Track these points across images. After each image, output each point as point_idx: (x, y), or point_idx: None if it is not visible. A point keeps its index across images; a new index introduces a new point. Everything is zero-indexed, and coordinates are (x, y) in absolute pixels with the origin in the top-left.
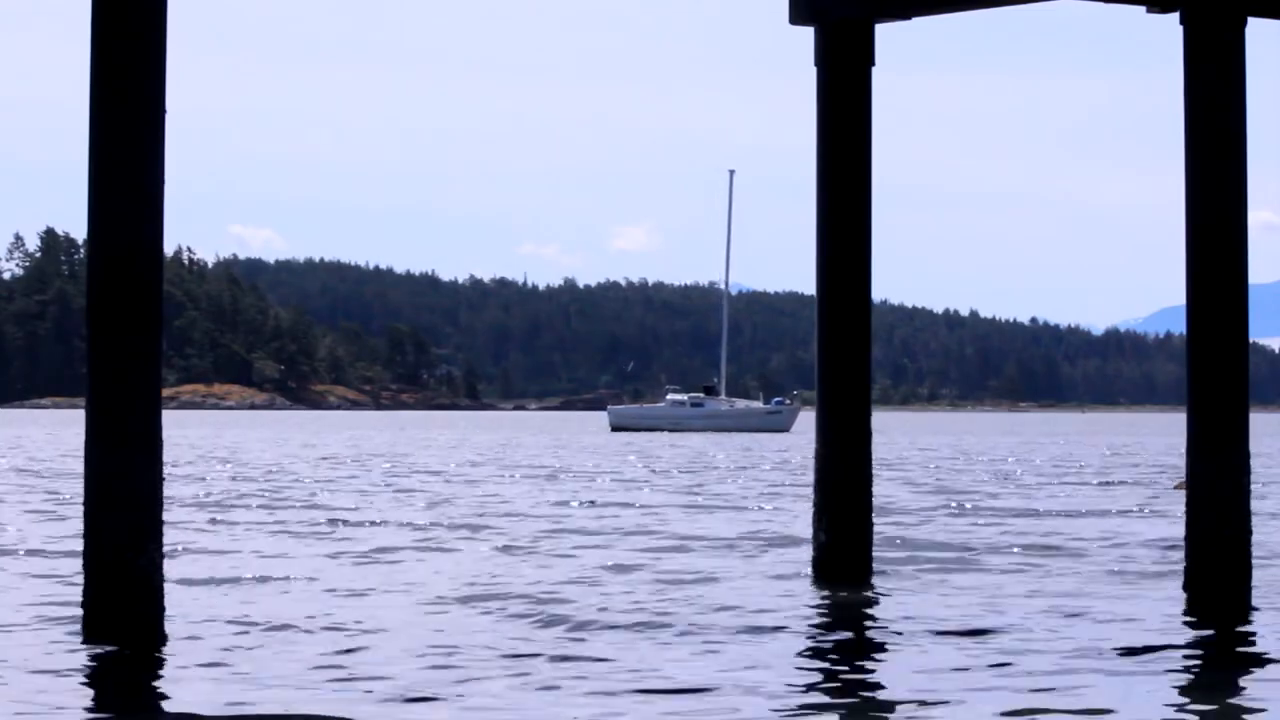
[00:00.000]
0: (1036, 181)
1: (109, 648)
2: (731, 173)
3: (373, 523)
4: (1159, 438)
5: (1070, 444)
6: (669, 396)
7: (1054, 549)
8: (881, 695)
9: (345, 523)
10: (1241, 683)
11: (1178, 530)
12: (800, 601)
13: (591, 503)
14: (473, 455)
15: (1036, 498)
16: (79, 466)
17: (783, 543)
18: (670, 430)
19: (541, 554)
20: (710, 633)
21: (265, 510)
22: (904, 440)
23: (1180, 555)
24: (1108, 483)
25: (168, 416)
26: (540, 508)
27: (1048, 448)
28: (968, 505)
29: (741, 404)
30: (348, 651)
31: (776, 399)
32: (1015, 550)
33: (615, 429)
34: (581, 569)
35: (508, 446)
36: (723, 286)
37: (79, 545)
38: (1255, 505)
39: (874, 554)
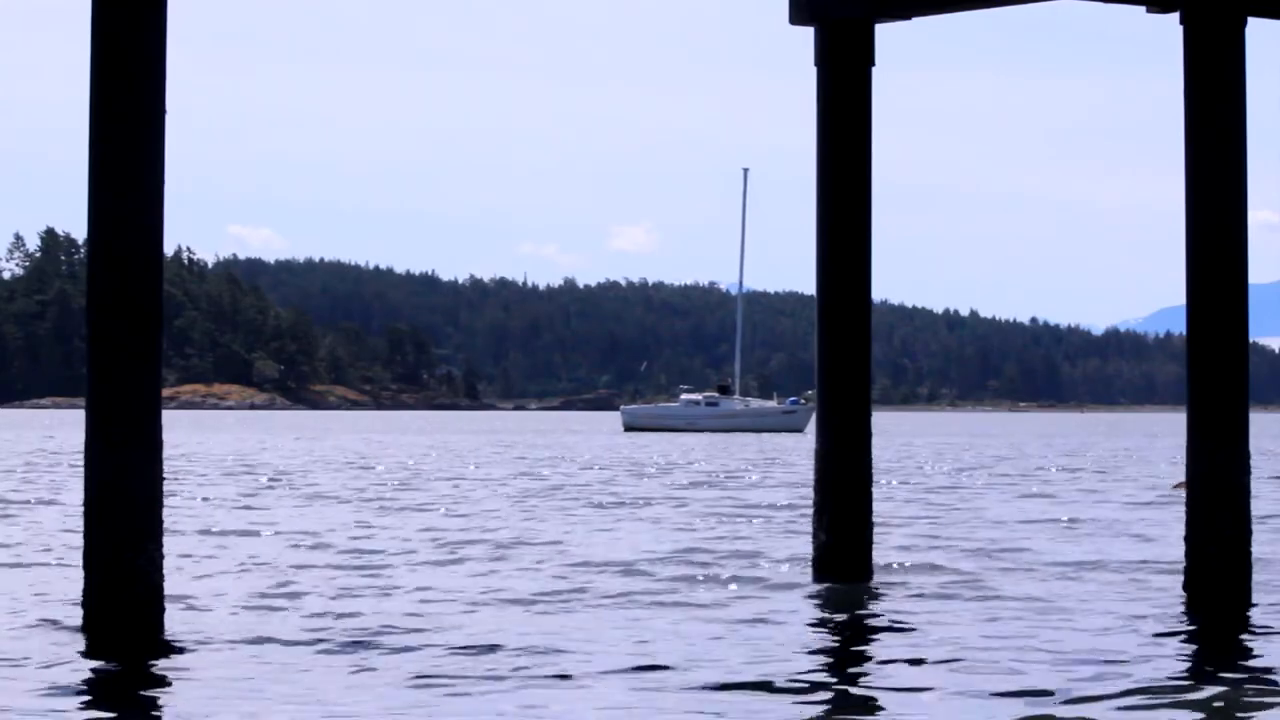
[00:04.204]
0: (1036, 181)
1: (109, 646)
2: (746, 170)
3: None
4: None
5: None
6: (683, 396)
7: (1046, 549)
8: (879, 696)
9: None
10: (1241, 683)
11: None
12: (800, 600)
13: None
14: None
15: (1009, 497)
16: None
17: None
18: (685, 430)
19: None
20: (710, 629)
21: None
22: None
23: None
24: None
25: (167, 416)
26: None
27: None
28: (953, 503)
29: (756, 404)
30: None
31: (791, 399)
32: (1005, 551)
33: (628, 429)
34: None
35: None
36: (736, 284)
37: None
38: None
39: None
